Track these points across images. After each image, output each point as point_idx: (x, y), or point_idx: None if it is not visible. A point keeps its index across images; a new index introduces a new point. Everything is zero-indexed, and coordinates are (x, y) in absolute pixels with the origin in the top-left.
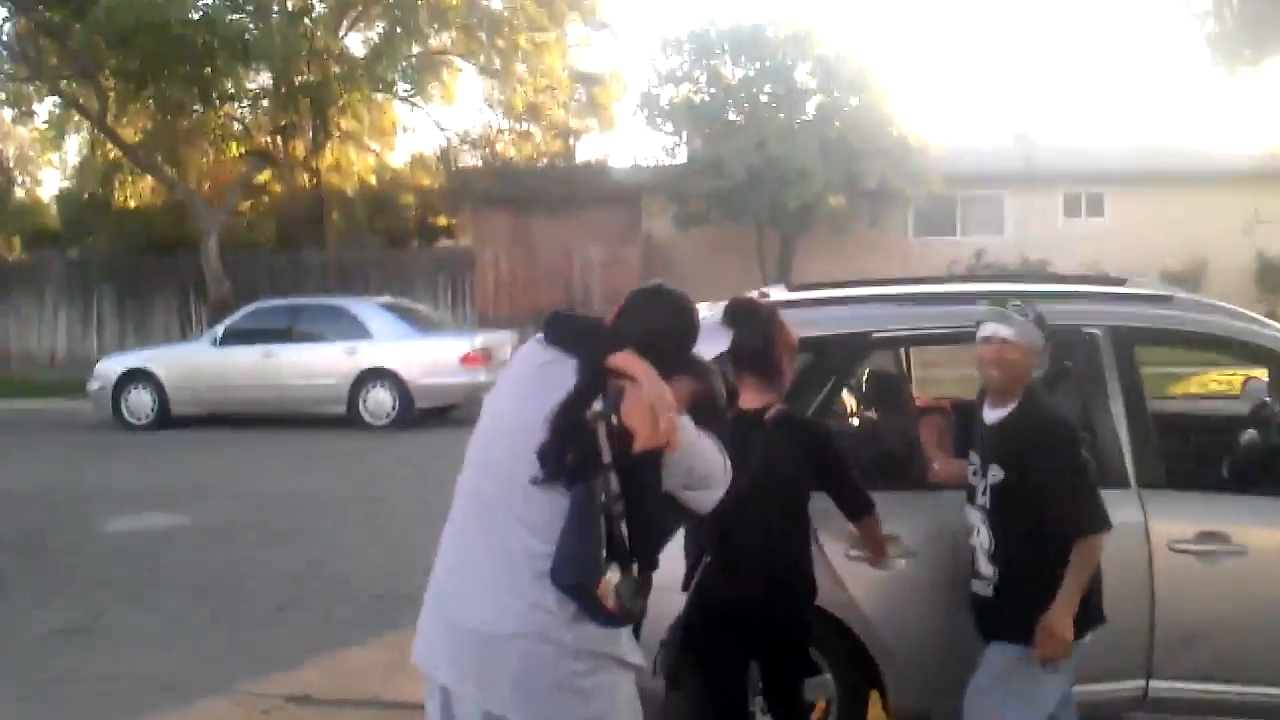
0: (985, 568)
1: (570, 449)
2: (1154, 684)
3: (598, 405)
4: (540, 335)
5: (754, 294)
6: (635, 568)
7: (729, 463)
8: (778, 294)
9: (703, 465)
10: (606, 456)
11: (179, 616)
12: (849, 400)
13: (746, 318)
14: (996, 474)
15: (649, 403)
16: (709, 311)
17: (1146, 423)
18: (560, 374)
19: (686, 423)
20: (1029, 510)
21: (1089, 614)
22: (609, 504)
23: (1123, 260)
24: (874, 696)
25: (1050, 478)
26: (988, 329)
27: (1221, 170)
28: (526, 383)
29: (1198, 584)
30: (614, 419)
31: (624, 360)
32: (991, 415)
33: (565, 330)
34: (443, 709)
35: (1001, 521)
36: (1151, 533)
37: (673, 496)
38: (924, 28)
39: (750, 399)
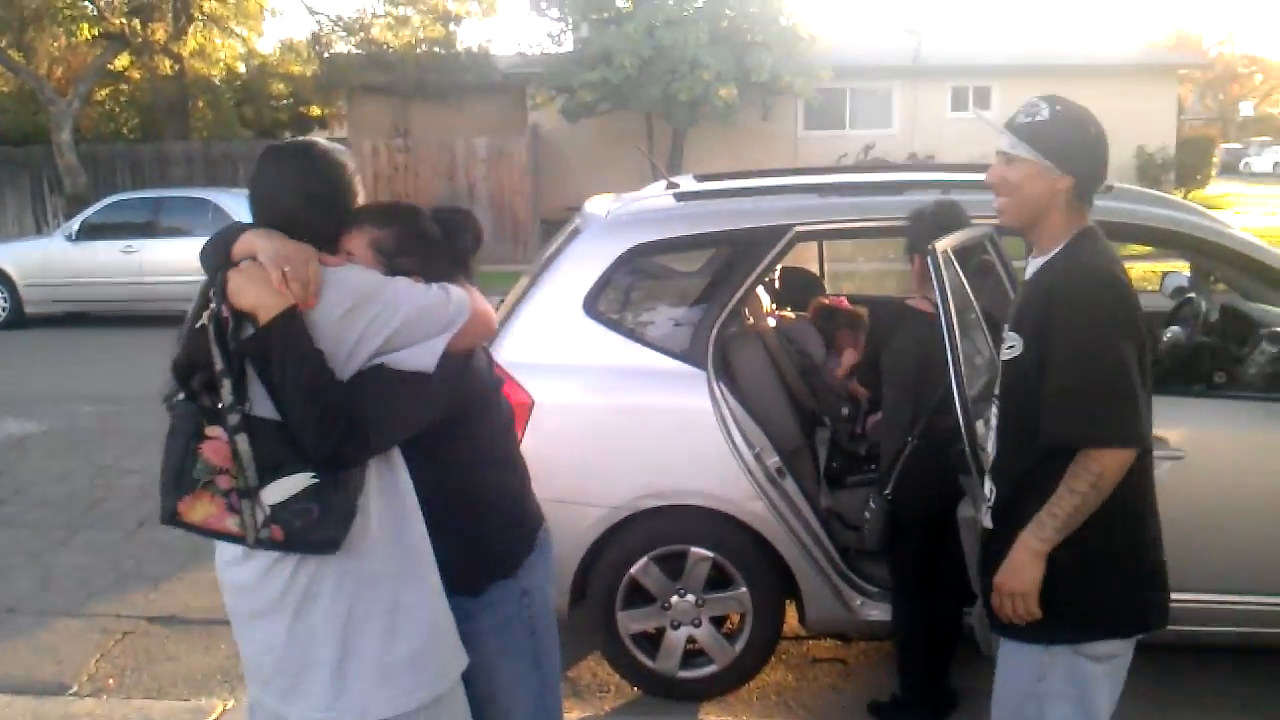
0: (985, 485)
1: (193, 371)
2: None
3: (214, 305)
4: None
5: (663, 185)
6: (309, 480)
7: (460, 297)
8: (687, 184)
9: (404, 310)
10: (219, 361)
11: (30, 533)
12: (763, 297)
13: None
14: (1013, 344)
15: (263, 269)
16: (607, 204)
17: None
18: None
19: (356, 270)
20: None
21: (1137, 596)
22: (222, 415)
23: None
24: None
25: (1061, 351)
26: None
27: (1104, 64)
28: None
29: None
30: (225, 309)
31: (242, 242)
32: (1029, 268)
33: (205, 250)
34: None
35: (1006, 419)
36: None
37: (381, 368)
38: None
39: None
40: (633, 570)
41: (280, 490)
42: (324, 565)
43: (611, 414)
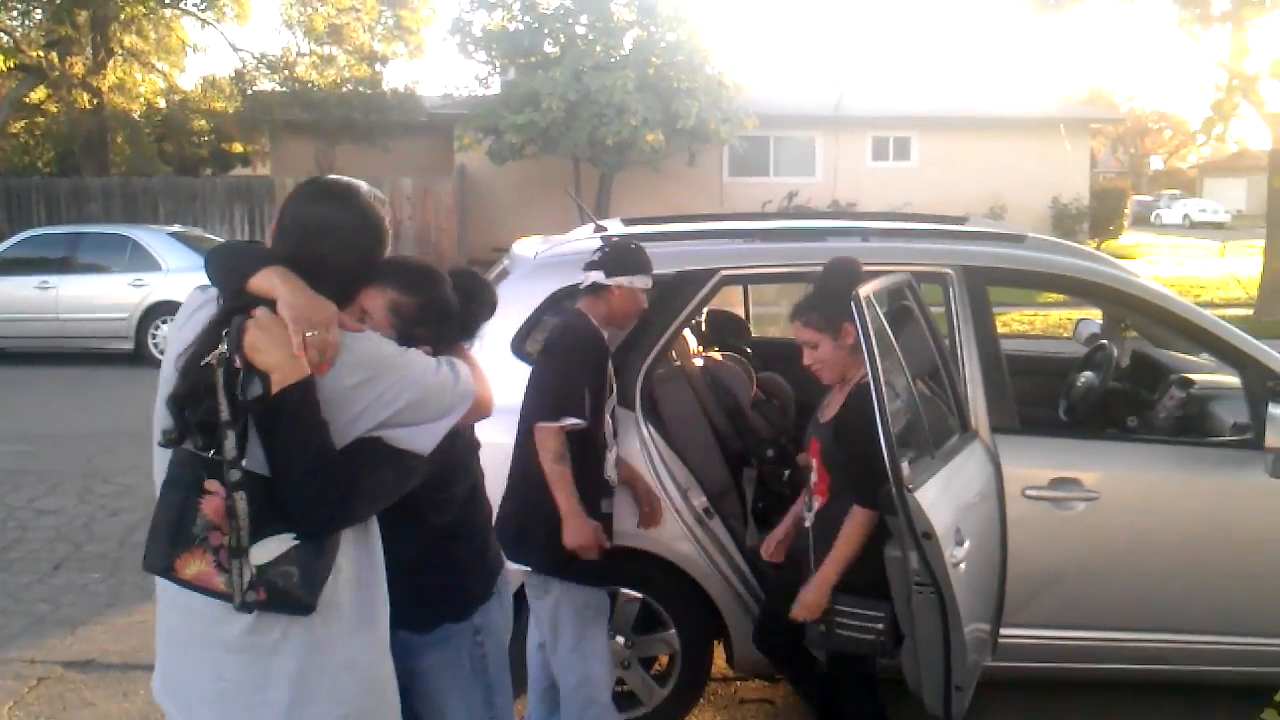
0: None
1: (192, 405)
2: (1004, 631)
3: (223, 346)
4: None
5: (591, 228)
6: (291, 541)
7: (467, 382)
8: (615, 228)
9: (411, 391)
10: (225, 412)
11: None
12: (690, 339)
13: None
14: None
15: (284, 326)
16: (534, 246)
17: (1000, 365)
18: (206, 318)
19: (372, 340)
20: None
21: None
22: (224, 469)
23: (929, 202)
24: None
25: None
26: None
27: (1020, 117)
28: (175, 336)
29: (1050, 530)
30: (237, 359)
31: (263, 280)
32: None
33: (217, 263)
34: None
35: None
36: (1005, 479)
37: (377, 441)
38: None
39: None
40: None
41: (267, 551)
42: (293, 621)
43: None
